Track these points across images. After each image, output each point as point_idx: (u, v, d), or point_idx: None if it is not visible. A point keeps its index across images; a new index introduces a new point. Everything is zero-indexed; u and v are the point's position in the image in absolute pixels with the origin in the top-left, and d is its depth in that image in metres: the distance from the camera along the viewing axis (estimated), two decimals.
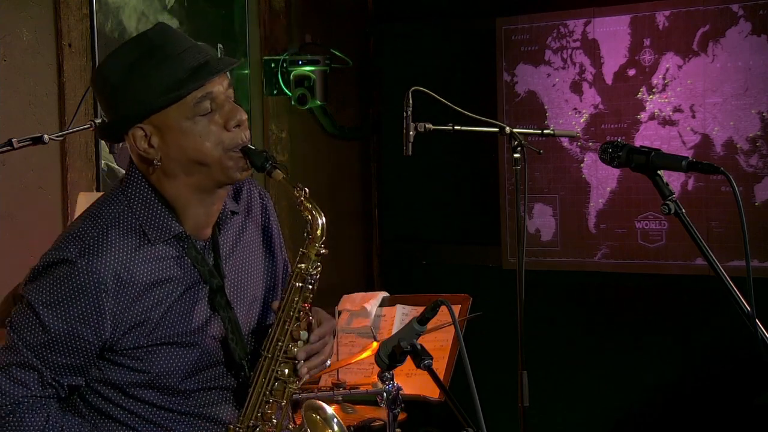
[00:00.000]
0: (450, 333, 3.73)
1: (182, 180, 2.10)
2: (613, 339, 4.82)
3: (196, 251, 2.13)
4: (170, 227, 2.11)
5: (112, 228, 2.07)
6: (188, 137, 2.06)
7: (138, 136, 2.09)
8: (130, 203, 2.12)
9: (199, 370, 2.12)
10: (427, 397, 3.65)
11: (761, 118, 4.46)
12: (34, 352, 2.04)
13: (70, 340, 2.04)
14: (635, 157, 2.22)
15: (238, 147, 2.08)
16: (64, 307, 2.02)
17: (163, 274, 2.09)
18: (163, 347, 2.08)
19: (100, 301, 2.03)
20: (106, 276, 2.03)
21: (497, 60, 5.00)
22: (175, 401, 2.11)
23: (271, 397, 2.11)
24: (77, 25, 3.96)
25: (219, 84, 2.09)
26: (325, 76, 4.86)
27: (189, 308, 2.11)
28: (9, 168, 3.73)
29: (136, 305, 2.06)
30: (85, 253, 2.03)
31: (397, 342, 2.19)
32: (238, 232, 2.24)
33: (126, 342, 2.06)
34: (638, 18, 4.69)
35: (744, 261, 2.08)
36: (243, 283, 2.21)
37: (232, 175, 2.10)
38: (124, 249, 2.06)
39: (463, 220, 5.24)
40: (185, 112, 2.05)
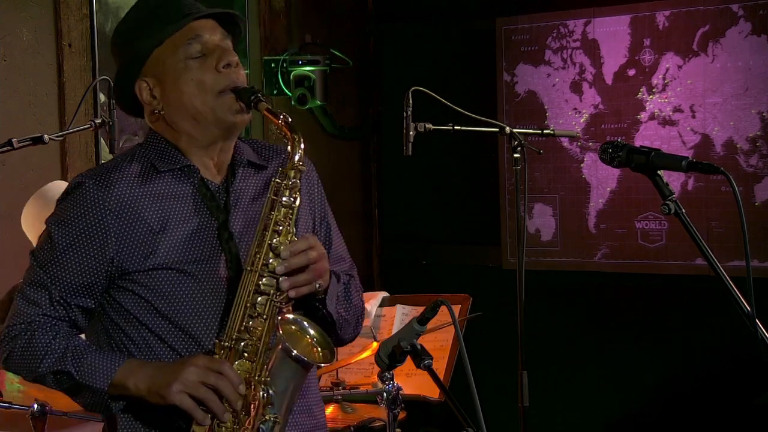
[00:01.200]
0: (450, 333, 3.73)
1: (184, 127, 2.18)
2: (613, 339, 4.82)
3: (206, 188, 2.20)
4: (178, 159, 2.20)
5: (124, 160, 2.22)
6: (182, 80, 2.15)
7: (143, 88, 2.19)
8: (144, 147, 2.24)
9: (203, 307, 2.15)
10: (427, 397, 3.65)
11: (761, 118, 4.46)
12: (44, 270, 2.15)
13: (75, 255, 2.14)
14: (635, 157, 2.22)
15: (229, 87, 2.15)
16: (71, 225, 2.14)
17: (170, 202, 2.17)
18: (167, 272, 2.14)
19: (104, 218, 2.13)
20: (110, 195, 2.14)
21: (497, 60, 5.00)
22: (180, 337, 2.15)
23: (255, 311, 2.12)
24: (77, 25, 3.96)
25: (210, 32, 2.17)
26: (325, 76, 4.86)
27: (194, 239, 2.16)
28: (9, 168, 3.74)
29: (139, 226, 2.14)
30: (94, 176, 2.17)
31: (397, 342, 2.19)
32: (264, 185, 2.26)
33: (131, 264, 2.13)
34: (638, 18, 4.69)
35: (744, 261, 2.08)
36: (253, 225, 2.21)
37: (225, 117, 2.15)
38: (132, 175, 2.18)
39: (463, 220, 5.24)
40: (177, 55, 2.14)
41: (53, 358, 2.13)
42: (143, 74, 2.19)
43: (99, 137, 4.00)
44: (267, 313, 2.12)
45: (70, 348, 2.13)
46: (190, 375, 2.05)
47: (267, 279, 2.12)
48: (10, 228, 3.71)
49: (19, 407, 2.90)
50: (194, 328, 2.16)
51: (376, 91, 5.45)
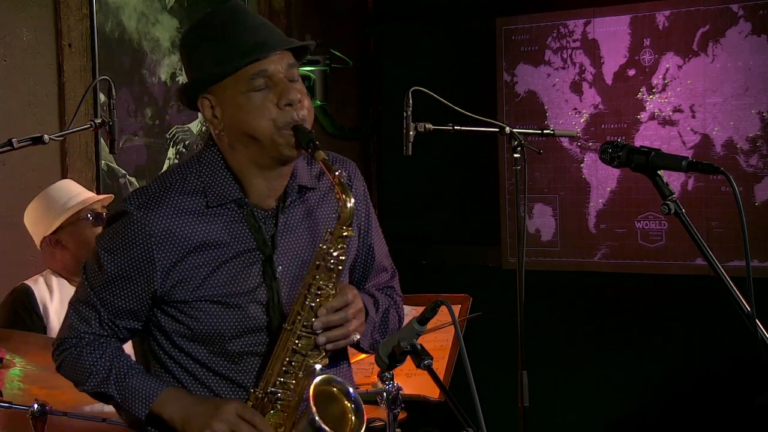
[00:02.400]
0: (450, 333, 3.73)
1: (241, 152, 2.20)
2: (613, 339, 4.82)
3: (254, 219, 2.21)
4: (231, 191, 2.20)
5: (175, 187, 2.21)
6: (242, 111, 2.15)
7: (205, 105, 2.21)
8: (200, 167, 2.23)
9: (240, 333, 2.20)
10: (427, 397, 3.65)
11: (761, 118, 4.46)
12: (94, 292, 2.23)
13: (123, 284, 2.20)
14: (635, 157, 2.22)
15: (290, 125, 2.15)
16: (119, 254, 2.19)
17: (218, 235, 2.19)
18: (207, 304, 2.18)
19: (150, 251, 2.17)
20: (157, 229, 2.16)
21: (497, 60, 5.00)
22: (220, 363, 2.21)
23: (291, 368, 2.17)
24: (77, 25, 3.96)
25: (277, 63, 2.16)
26: (325, 76, 4.86)
27: (238, 272, 2.19)
28: (9, 168, 3.74)
29: (186, 260, 2.17)
30: (142, 206, 2.18)
31: (397, 342, 2.19)
32: (310, 208, 2.30)
33: (175, 295, 2.19)
34: (638, 18, 4.69)
35: (744, 261, 2.08)
36: (299, 259, 2.25)
37: (283, 152, 2.16)
38: (181, 207, 2.19)
39: (463, 220, 5.24)
40: (240, 87, 2.14)
41: (98, 379, 2.23)
42: (207, 91, 2.19)
43: (99, 137, 4.00)
44: (302, 372, 2.18)
45: (114, 370, 2.23)
46: (222, 423, 2.12)
47: (304, 339, 2.17)
48: (10, 227, 3.71)
49: (19, 407, 2.90)
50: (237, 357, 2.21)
51: (376, 91, 5.45)
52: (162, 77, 4.35)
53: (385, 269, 2.52)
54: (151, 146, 4.31)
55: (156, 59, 4.33)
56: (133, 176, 4.22)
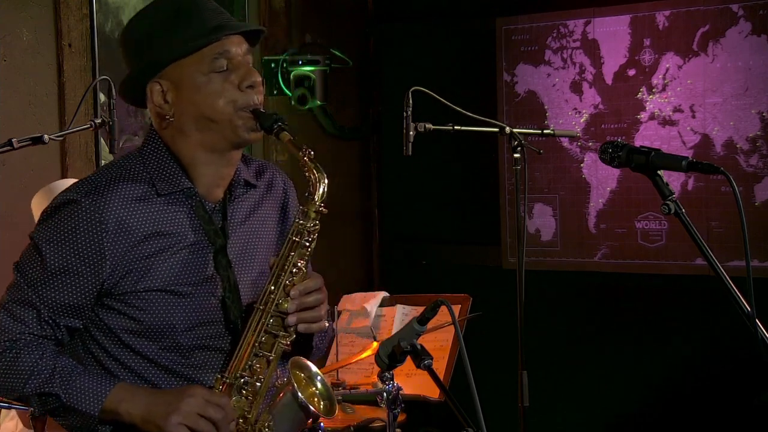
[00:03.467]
0: (450, 333, 3.73)
1: (193, 137, 2.16)
2: (613, 339, 4.82)
3: (204, 210, 2.18)
4: (179, 181, 2.16)
5: (122, 176, 2.15)
6: (202, 93, 2.12)
7: (155, 90, 2.16)
8: (143, 158, 2.18)
9: (193, 325, 2.14)
10: (427, 397, 3.65)
11: (761, 118, 4.46)
12: (33, 289, 2.11)
13: (68, 277, 2.10)
14: (635, 157, 2.22)
15: (250, 108, 2.14)
16: (64, 244, 2.09)
17: (168, 226, 2.15)
18: (158, 294, 2.12)
19: (100, 240, 2.09)
20: (108, 217, 2.09)
21: (497, 60, 5.00)
22: (169, 357, 2.14)
23: (261, 350, 2.13)
24: (77, 25, 3.96)
25: (237, 46, 2.15)
26: (325, 76, 4.86)
27: (190, 262, 2.15)
28: (9, 168, 3.74)
29: (136, 249, 2.11)
30: (90, 193, 2.11)
31: (397, 342, 2.19)
32: (254, 204, 2.28)
33: (123, 285, 2.11)
34: (638, 18, 4.69)
35: (744, 261, 2.08)
36: (250, 253, 2.24)
37: (241, 134, 2.15)
38: (130, 195, 2.13)
39: (463, 220, 5.24)
40: (201, 68, 2.12)
41: (40, 379, 2.09)
42: (158, 76, 2.15)
43: (99, 137, 4.00)
44: (273, 354, 2.14)
45: (57, 369, 2.10)
46: (189, 407, 2.04)
47: (276, 319, 2.13)
48: (10, 227, 3.71)
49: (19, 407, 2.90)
50: (191, 351, 2.15)
51: (376, 91, 5.45)
52: None
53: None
54: None
55: None
56: None
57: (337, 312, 3.87)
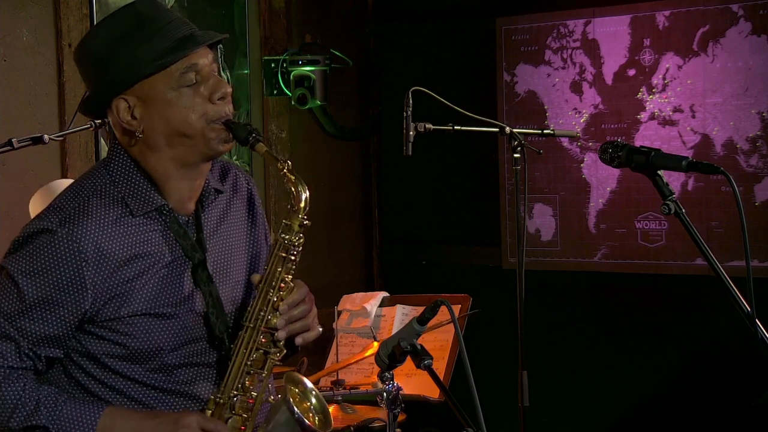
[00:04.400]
0: (450, 333, 3.73)
1: (165, 152, 2.11)
2: (613, 339, 4.82)
3: (178, 225, 2.14)
4: (152, 199, 2.12)
5: (93, 199, 2.08)
6: (172, 108, 2.08)
7: (121, 107, 2.10)
8: (112, 176, 2.12)
9: (179, 344, 2.11)
10: (427, 397, 3.65)
11: (761, 118, 4.46)
12: (11, 322, 2.03)
13: (48, 309, 2.03)
14: (635, 157, 2.22)
15: (222, 119, 2.10)
16: (43, 276, 2.02)
17: (145, 246, 2.10)
18: (142, 318, 2.07)
19: (80, 270, 2.03)
20: (87, 245, 2.03)
21: (497, 60, 5.00)
22: (156, 377, 2.11)
23: (252, 368, 2.11)
24: (77, 25, 3.96)
25: (204, 57, 2.11)
26: (325, 76, 4.86)
27: (170, 281, 2.11)
28: (9, 168, 3.73)
29: (116, 275, 2.06)
30: (65, 222, 2.04)
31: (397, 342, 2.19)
32: (223, 210, 2.25)
33: (106, 312, 2.06)
34: (638, 18, 4.69)
35: (744, 261, 2.08)
36: (227, 261, 2.22)
37: (214, 146, 2.11)
38: (106, 219, 2.07)
39: (463, 220, 5.24)
40: (170, 83, 2.07)
41: (25, 412, 2.02)
42: (124, 93, 2.09)
43: (99, 137, 4.00)
44: (265, 371, 2.13)
45: (42, 400, 2.03)
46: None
47: (265, 336, 2.12)
48: (10, 228, 3.71)
49: None
50: (181, 369, 2.12)
51: (376, 91, 5.45)
52: None
53: None
54: None
55: None
56: None
57: (337, 312, 3.87)
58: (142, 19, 2.09)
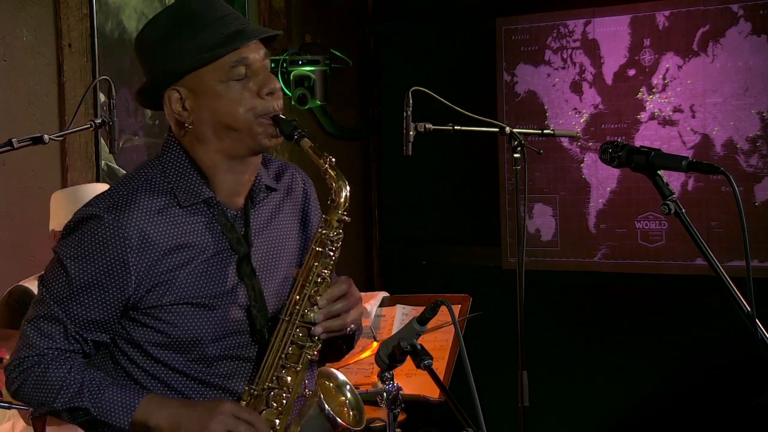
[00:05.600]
0: (450, 333, 3.73)
1: (213, 144, 2.14)
2: (613, 339, 4.82)
3: (225, 218, 2.17)
4: (200, 191, 2.15)
5: (143, 188, 2.13)
6: (221, 100, 2.10)
7: (173, 98, 2.13)
8: (163, 167, 2.17)
9: (219, 336, 2.14)
10: (427, 397, 3.65)
11: (761, 118, 4.46)
12: (59, 305, 2.10)
13: (94, 293, 2.09)
14: (635, 157, 2.21)
15: (269, 114, 2.12)
16: (89, 260, 2.08)
17: (191, 237, 2.13)
18: (184, 307, 2.11)
19: (124, 255, 2.07)
20: (132, 232, 2.08)
21: (497, 60, 5.00)
22: (196, 368, 2.14)
23: (287, 362, 2.13)
24: (77, 25, 3.96)
25: (255, 52, 2.13)
26: (325, 76, 4.86)
27: (214, 272, 2.14)
28: (9, 168, 3.74)
29: (160, 264, 2.10)
30: (112, 208, 2.09)
31: (397, 342, 2.19)
32: (275, 208, 2.27)
33: (149, 300, 2.10)
34: (638, 18, 4.69)
35: (744, 261, 2.08)
36: (274, 257, 2.23)
37: (260, 141, 2.13)
38: (152, 208, 2.11)
39: (463, 220, 5.24)
40: (220, 75, 2.10)
41: (69, 394, 2.10)
42: (176, 84, 2.13)
43: (99, 137, 4.01)
44: (300, 365, 2.14)
45: (86, 383, 2.10)
46: (219, 424, 2.04)
47: (301, 330, 2.13)
48: (10, 227, 3.71)
49: (19, 407, 2.90)
50: (219, 361, 2.15)
51: (376, 91, 5.45)
52: None
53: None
54: (151, 146, 4.31)
55: None
56: None
57: None
58: (196, 12, 2.13)
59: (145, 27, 2.21)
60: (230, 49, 2.09)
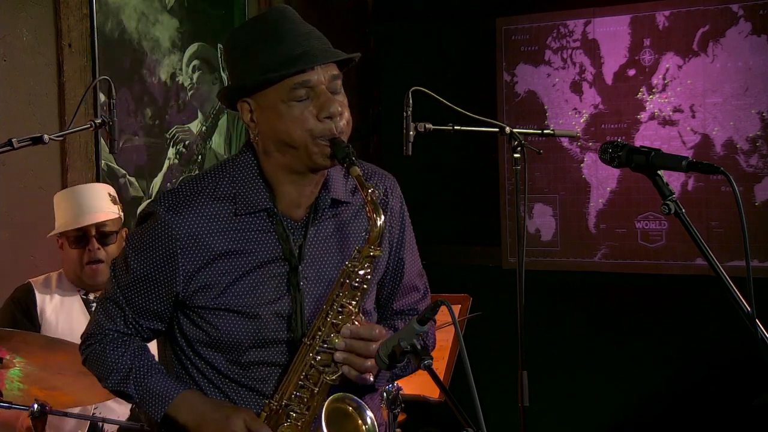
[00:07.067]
0: (450, 333, 3.73)
1: (275, 158, 2.20)
2: (613, 339, 4.82)
3: (283, 228, 2.21)
4: (260, 201, 2.20)
5: (206, 191, 2.21)
6: (281, 119, 2.15)
7: (245, 109, 2.21)
8: (233, 171, 2.23)
9: (258, 343, 2.20)
10: (427, 397, 3.65)
11: (761, 118, 4.46)
12: (121, 291, 2.25)
13: (148, 285, 2.22)
14: (635, 157, 2.21)
15: (326, 137, 2.16)
16: (145, 254, 2.21)
17: (245, 244, 2.19)
18: (227, 314, 2.18)
19: (174, 254, 2.17)
20: (183, 233, 2.17)
21: (497, 60, 5.01)
22: (233, 369, 2.22)
23: (307, 382, 2.17)
24: (77, 25, 3.96)
25: (321, 74, 2.21)
26: None
27: (261, 282, 2.19)
28: (9, 168, 3.73)
29: (210, 267, 2.17)
30: (170, 208, 2.19)
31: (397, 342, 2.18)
32: (343, 222, 2.29)
33: (197, 300, 2.19)
34: (638, 18, 4.69)
35: (744, 261, 2.08)
36: (323, 272, 2.25)
37: (316, 160, 2.17)
38: (209, 212, 2.19)
39: (463, 220, 5.24)
40: (282, 95, 2.15)
41: (118, 378, 2.25)
42: (247, 95, 2.19)
43: (99, 137, 4.00)
44: (318, 387, 2.18)
45: (134, 369, 2.25)
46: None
47: (322, 356, 2.17)
48: (10, 227, 3.71)
49: (19, 407, 2.91)
50: (253, 366, 2.21)
51: (376, 91, 5.45)
52: (162, 77, 4.35)
53: (416, 288, 2.53)
54: (151, 146, 4.31)
55: (156, 59, 4.33)
56: (133, 176, 4.22)
57: None
58: (269, 29, 2.20)
59: (232, 32, 2.29)
60: (292, 72, 2.14)
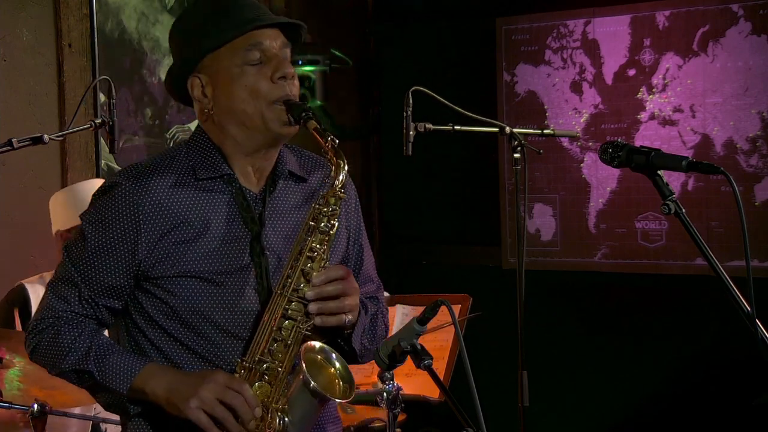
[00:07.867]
0: (450, 333, 3.73)
1: (231, 130, 2.19)
2: (613, 339, 4.82)
3: (243, 197, 2.20)
4: (220, 167, 2.20)
5: (165, 163, 2.20)
6: (236, 84, 2.15)
7: (195, 84, 2.20)
8: (188, 147, 2.24)
9: (222, 311, 2.16)
10: (427, 397, 3.65)
11: (761, 118, 4.46)
12: (75, 267, 2.17)
13: (107, 257, 2.16)
14: (635, 157, 2.21)
15: (282, 99, 2.16)
16: (104, 225, 2.16)
17: (206, 212, 2.17)
18: (191, 280, 2.14)
19: (137, 222, 2.14)
20: (146, 200, 2.14)
21: (497, 60, 5.01)
22: (196, 341, 2.17)
23: (280, 335, 2.12)
24: (77, 25, 3.96)
25: (271, 39, 2.18)
26: (325, 76, 4.86)
27: (225, 250, 2.17)
28: (9, 168, 3.74)
29: (172, 234, 2.14)
30: (131, 177, 2.17)
31: (397, 342, 2.18)
32: (304, 199, 2.27)
33: (158, 270, 2.15)
34: (638, 18, 4.69)
35: (744, 261, 2.08)
36: (287, 244, 2.22)
37: (271, 127, 2.16)
38: (170, 180, 2.17)
39: (463, 220, 5.24)
40: (235, 60, 2.15)
41: (76, 357, 2.15)
42: (198, 70, 2.19)
43: (99, 137, 4.00)
44: (291, 339, 2.13)
45: (93, 347, 2.16)
46: (208, 392, 2.06)
47: (295, 304, 2.13)
48: (10, 227, 3.71)
49: (19, 407, 2.90)
50: (217, 337, 2.16)
51: (376, 91, 5.45)
52: (162, 77, 4.35)
53: (372, 280, 2.49)
54: (151, 146, 4.31)
55: (156, 59, 4.33)
56: None
57: None
58: (220, 2, 2.21)
59: (174, 21, 2.31)
60: (244, 31, 2.14)
